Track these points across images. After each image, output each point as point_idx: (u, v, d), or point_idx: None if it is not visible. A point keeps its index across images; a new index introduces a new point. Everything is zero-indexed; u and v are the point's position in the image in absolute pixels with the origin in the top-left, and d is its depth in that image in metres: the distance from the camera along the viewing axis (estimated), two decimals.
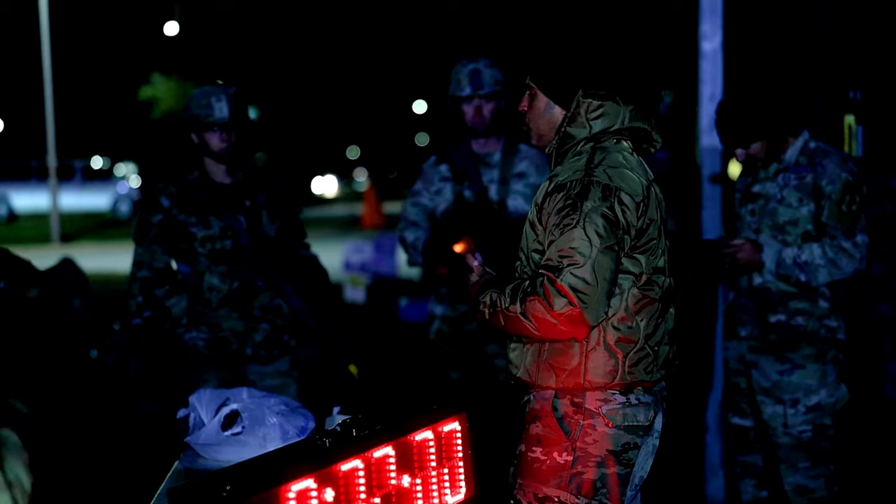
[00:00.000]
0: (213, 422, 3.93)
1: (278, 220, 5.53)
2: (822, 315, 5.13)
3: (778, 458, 5.17)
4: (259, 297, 5.41)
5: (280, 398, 4.04)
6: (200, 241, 5.37)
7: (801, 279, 5.04)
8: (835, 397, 5.15)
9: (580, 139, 3.52)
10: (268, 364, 5.46)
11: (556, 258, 3.30)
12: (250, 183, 5.52)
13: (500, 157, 5.80)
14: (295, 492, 2.75)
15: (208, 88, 5.37)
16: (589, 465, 3.42)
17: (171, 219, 5.39)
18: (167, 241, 5.40)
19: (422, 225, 5.79)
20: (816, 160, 5.11)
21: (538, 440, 3.46)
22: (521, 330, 3.37)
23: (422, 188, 5.87)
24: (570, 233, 3.30)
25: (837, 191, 5.03)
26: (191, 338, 5.41)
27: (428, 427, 3.26)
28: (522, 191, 5.77)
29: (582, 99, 3.50)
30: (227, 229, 5.38)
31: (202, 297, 5.39)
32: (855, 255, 5.02)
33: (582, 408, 3.42)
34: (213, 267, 5.38)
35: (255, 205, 5.48)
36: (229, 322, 5.38)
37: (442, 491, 3.29)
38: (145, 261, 5.42)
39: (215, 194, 5.42)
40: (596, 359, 3.40)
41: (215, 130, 5.33)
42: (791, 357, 5.13)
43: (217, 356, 5.39)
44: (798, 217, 5.10)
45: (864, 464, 6.71)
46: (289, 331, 5.47)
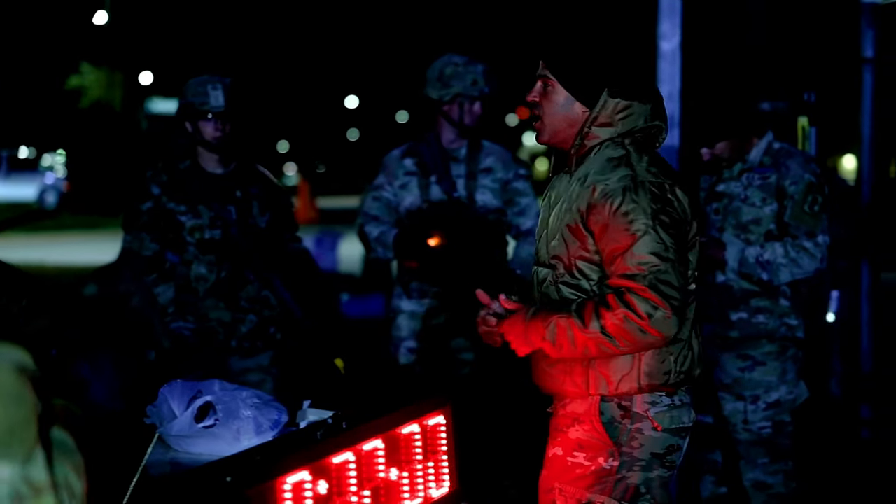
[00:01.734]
0: (185, 414, 3.87)
1: (269, 212, 5.49)
2: (783, 313, 5.19)
3: (738, 454, 5.22)
4: (247, 289, 5.38)
5: (252, 391, 3.99)
6: (189, 230, 5.34)
7: (763, 278, 5.09)
8: (794, 394, 5.21)
9: (605, 139, 3.43)
10: (250, 357, 5.43)
11: (636, 266, 3.22)
12: (243, 174, 5.48)
13: (466, 152, 5.80)
14: (291, 483, 2.74)
15: (205, 77, 5.34)
16: (634, 470, 3.36)
17: (160, 207, 5.35)
18: (156, 228, 5.35)
19: (384, 219, 5.74)
20: (780, 160, 5.16)
21: (580, 445, 3.40)
22: (597, 349, 3.26)
23: (384, 182, 5.81)
24: (643, 239, 3.23)
25: (800, 191, 5.09)
26: (177, 327, 5.36)
27: (415, 420, 3.25)
28: (490, 186, 5.77)
29: (610, 98, 3.41)
30: (217, 219, 5.35)
31: (189, 286, 5.35)
32: (816, 255, 5.08)
33: (630, 411, 3.36)
34: (201, 256, 5.34)
35: (247, 196, 5.45)
36: (216, 312, 5.35)
37: (427, 485, 3.28)
38: (134, 248, 5.38)
39: (206, 184, 5.38)
40: (650, 362, 3.34)
41: (210, 119, 5.31)
42: (752, 354, 5.18)
43: (202, 346, 5.36)
44: (761, 216, 5.15)
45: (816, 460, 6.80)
46: (275, 323, 5.45)
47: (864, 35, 7.20)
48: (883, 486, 6.64)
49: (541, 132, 3.54)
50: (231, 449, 3.49)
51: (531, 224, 5.83)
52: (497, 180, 5.79)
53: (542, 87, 3.49)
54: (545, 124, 3.50)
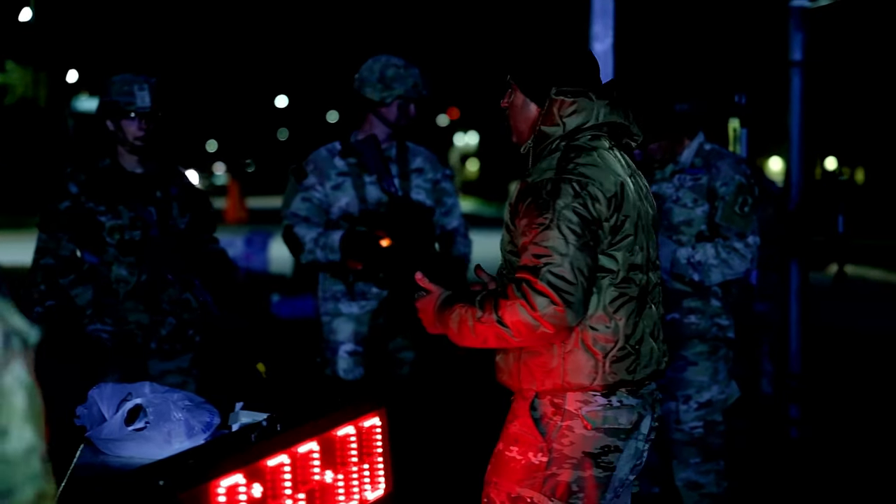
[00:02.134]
0: (115, 417, 3.82)
1: (189, 213, 5.43)
2: (714, 314, 5.22)
3: (670, 453, 5.24)
4: (168, 291, 5.30)
5: (184, 393, 3.95)
6: (109, 230, 5.24)
7: (694, 279, 5.11)
8: (725, 394, 5.24)
9: (555, 137, 3.46)
10: (170, 360, 5.36)
11: (533, 259, 3.25)
12: (163, 174, 5.41)
13: (395, 152, 5.78)
14: (225, 487, 2.70)
15: (129, 76, 5.26)
16: (564, 467, 3.36)
17: (79, 206, 5.25)
18: (74, 228, 5.25)
19: (314, 220, 5.66)
20: (711, 162, 5.20)
21: (515, 439, 3.41)
22: (495, 339, 3.29)
23: (315, 182, 5.72)
24: (545, 232, 3.25)
25: (731, 192, 5.13)
26: (94, 329, 5.27)
27: (350, 422, 3.22)
28: (423, 185, 5.77)
29: (554, 96, 3.46)
30: (137, 220, 5.26)
31: (109, 288, 5.25)
32: (746, 256, 5.12)
33: (561, 409, 3.37)
34: (122, 258, 5.25)
35: (167, 196, 5.37)
36: (135, 315, 5.26)
37: (362, 487, 3.26)
38: (50, 248, 5.26)
39: (126, 183, 5.30)
40: (574, 360, 3.35)
41: (134, 118, 5.23)
42: (684, 354, 5.20)
43: (120, 349, 5.27)
44: (692, 217, 5.18)
45: (748, 459, 6.86)
46: (194, 326, 5.37)
47: (792, 38, 7.27)
48: (811, 484, 6.71)
49: (510, 134, 3.62)
50: (162, 452, 3.45)
51: (456, 223, 5.88)
52: (428, 180, 5.80)
53: (510, 92, 3.59)
54: (511, 127, 3.60)
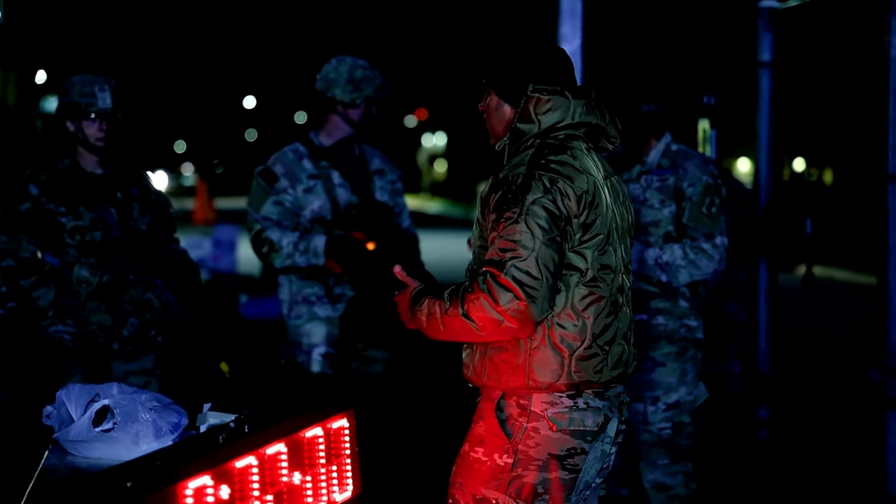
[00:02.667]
0: (83, 418, 3.79)
1: (150, 213, 5.41)
2: (683, 315, 5.23)
3: (638, 455, 5.25)
4: (129, 291, 5.28)
5: (152, 394, 3.92)
6: (70, 231, 5.22)
7: (662, 279, 5.12)
8: (693, 395, 5.25)
9: (530, 136, 3.47)
10: (133, 361, 5.33)
11: (499, 253, 3.25)
12: (122, 175, 5.39)
13: (357, 153, 5.79)
14: (192, 489, 2.69)
15: (90, 76, 5.24)
16: (530, 469, 3.36)
17: (39, 207, 5.22)
18: (34, 230, 5.22)
19: (285, 224, 5.65)
20: (678, 162, 5.21)
21: (480, 440, 3.41)
22: (464, 333, 3.30)
23: (287, 186, 5.70)
24: (511, 226, 3.26)
25: (698, 193, 5.14)
26: (56, 331, 5.24)
27: (318, 423, 3.22)
28: (386, 187, 5.82)
29: (530, 94, 3.47)
30: (98, 221, 5.24)
31: (70, 289, 5.22)
32: (714, 257, 5.13)
33: (527, 410, 3.37)
34: (83, 259, 5.23)
35: (127, 197, 5.35)
36: (97, 316, 5.24)
37: (331, 488, 3.25)
38: (10, 250, 5.23)
39: (86, 184, 5.27)
40: (540, 357, 3.34)
41: (95, 120, 5.20)
42: (652, 356, 5.21)
43: (82, 350, 5.25)
44: (660, 218, 5.19)
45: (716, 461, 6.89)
46: (157, 326, 5.35)
47: (761, 39, 7.30)
48: (780, 486, 6.74)
49: (489, 136, 3.63)
50: (130, 453, 3.43)
51: (408, 223, 5.90)
52: (387, 181, 5.84)
53: (485, 95, 3.60)
54: (488, 129, 3.61)
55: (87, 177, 5.31)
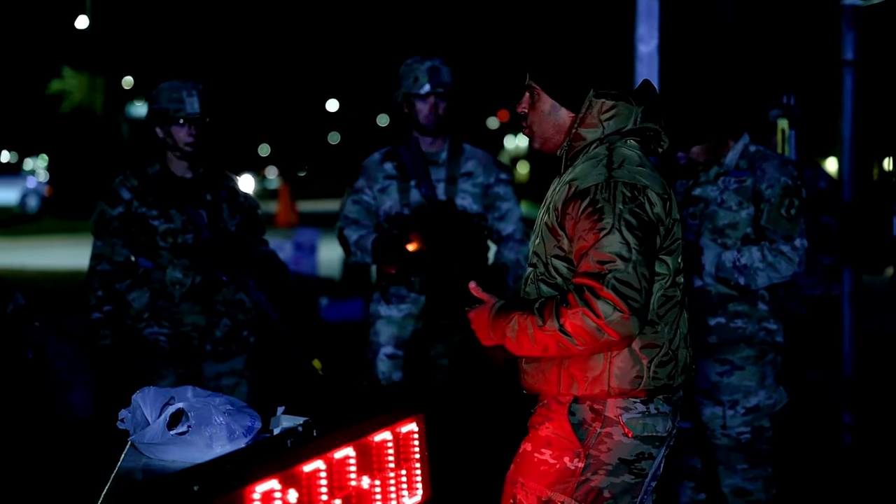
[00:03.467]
0: (158, 421, 3.84)
1: (238, 215, 5.48)
2: (762, 318, 5.16)
3: (716, 459, 5.19)
4: (222, 292, 5.35)
5: (225, 397, 3.96)
6: (162, 234, 5.32)
7: (740, 282, 5.06)
8: (773, 399, 5.18)
9: (592, 140, 3.46)
10: (225, 361, 5.41)
11: (596, 265, 3.21)
12: (211, 178, 5.47)
13: (446, 156, 5.78)
14: (260, 492, 2.70)
15: (178, 83, 5.34)
16: (599, 473, 3.36)
17: (131, 212, 5.33)
18: (128, 234, 5.33)
19: (363, 223, 5.72)
20: (756, 164, 5.14)
21: (548, 442, 3.40)
22: (557, 348, 3.26)
23: (364, 185, 5.77)
24: (606, 237, 3.23)
25: (777, 194, 5.06)
26: (151, 333, 5.33)
27: (387, 428, 3.21)
28: (470, 190, 5.76)
29: (595, 99, 3.44)
30: (189, 223, 5.34)
31: (164, 291, 5.32)
32: (794, 259, 5.05)
33: (601, 415, 3.36)
34: (175, 261, 5.32)
35: (216, 199, 5.44)
36: (191, 317, 5.33)
37: (400, 493, 3.25)
38: (105, 254, 5.36)
39: (176, 188, 5.36)
40: (621, 365, 3.33)
41: (183, 125, 5.30)
42: (730, 359, 5.15)
43: (177, 352, 5.33)
44: (738, 220, 5.12)
45: (798, 466, 6.79)
46: (249, 327, 5.42)
47: (844, 37, 7.18)
48: (863, 492, 6.62)
49: (532, 140, 3.58)
50: (203, 456, 3.47)
51: (512, 229, 5.84)
52: (478, 185, 5.78)
53: (530, 97, 3.54)
54: (535, 132, 3.55)
55: (177, 181, 5.41)
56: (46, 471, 6.84)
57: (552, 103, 3.50)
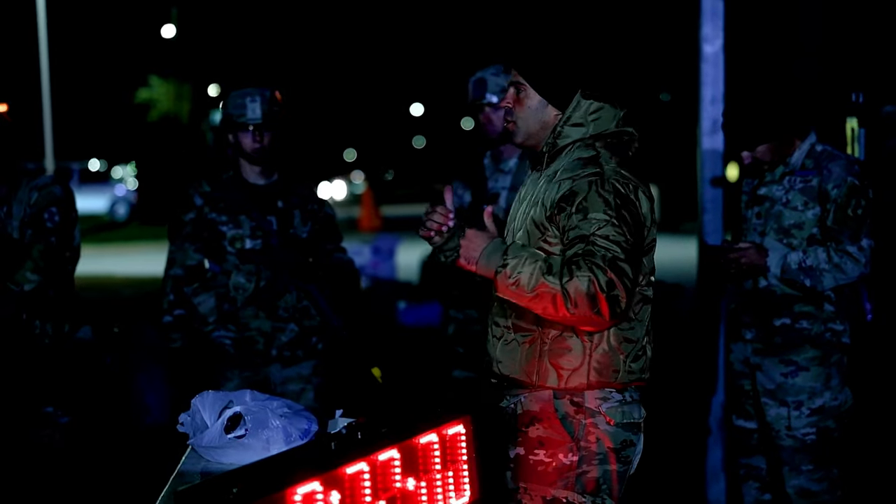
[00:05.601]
0: (216, 424, 3.89)
1: (311, 222, 5.53)
2: (827, 318, 5.11)
3: (781, 460, 5.15)
4: (286, 298, 5.41)
5: (283, 401, 4.00)
6: (230, 239, 5.40)
7: (806, 284, 5.01)
8: (839, 400, 5.13)
9: (577, 139, 3.53)
10: (291, 366, 5.46)
11: (597, 248, 3.27)
12: (285, 184, 5.53)
13: (515, 163, 5.79)
14: (301, 494, 2.73)
15: (246, 89, 5.40)
16: (593, 464, 3.45)
17: (202, 217, 5.41)
18: (199, 239, 5.42)
19: None
20: (822, 163, 5.08)
21: (540, 442, 3.48)
22: (549, 304, 3.28)
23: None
24: (607, 228, 3.30)
25: (843, 195, 5.01)
26: (218, 336, 5.41)
27: (433, 430, 3.24)
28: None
29: (583, 99, 3.52)
30: (258, 229, 5.40)
31: (229, 295, 5.39)
32: (860, 260, 5.00)
33: (582, 407, 3.45)
34: (241, 266, 5.39)
35: (288, 206, 5.49)
36: (256, 322, 5.40)
37: (447, 494, 3.27)
38: (178, 259, 5.46)
39: (248, 194, 5.44)
40: (600, 359, 3.42)
41: (248, 131, 5.36)
42: (795, 360, 5.11)
43: (242, 356, 5.40)
44: (803, 220, 5.08)
45: (865, 467, 6.69)
46: (317, 333, 5.48)
47: None
48: None
49: (515, 134, 3.64)
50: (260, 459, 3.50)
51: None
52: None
53: (515, 93, 3.60)
54: (519, 128, 3.62)
55: (249, 187, 5.47)
56: (113, 475, 6.95)
57: (540, 100, 3.56)
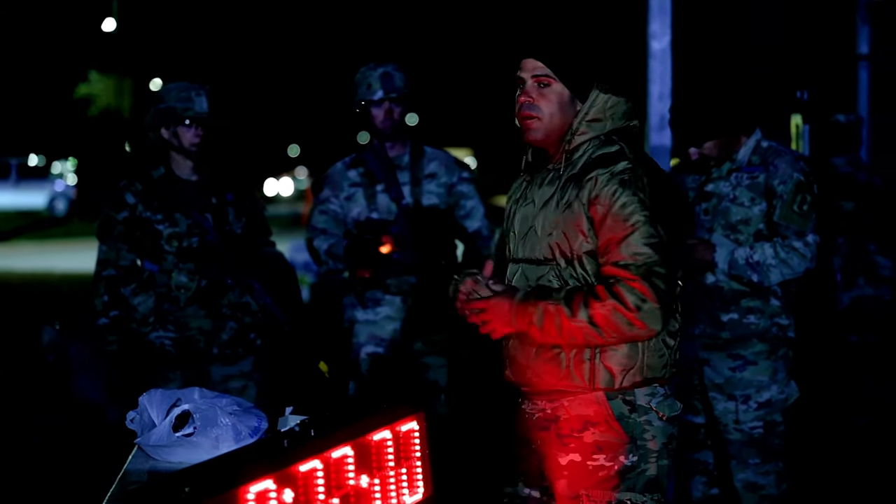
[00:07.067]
0: (164, 423, 3.85)
1: (244, 217, 5.48)
2: (774, 313, 5.14)
3: (729, 454, 5.18)
4: (228, 295, 5.36)
5: (232, 398, 3.97)
6: (167, 238, 5.32)
7: (753, 279, 5.04)
8: (785, 394, 5.17)
9: (594, 135, 3.45)
10: (232, 364, 5.41)
11: (631, 256, 3.26)
12: (217, 180, 5.47)
13: (408, 159, 5.81)
14: (254, 493, 2.70)
15: (186, 83, 5.34)
16: (650, 462, 3.41)
17: (136, 216, 5.33)
18: (133, 238, 5.33)
19: (331, 232, 5.73)
20: (769, 159, 5.12)
21: (598, 447, 3.40)
22: (584, 338, 3.28)
23: (330, 195, 5.82)
24: (640, 230, 3.27)
25: (789, 191, 5.04)
26: (157, 337, 5.34)
27: (386, 427, 3.21)
28: (435, 191, 5.80)
29: (601, 94, 3.45)
30: (195, 227, 5.33)
31: (170, 295, 5.32)
32: (806, 255, 5.03)
33: (635, 405, 3.40)
34: (181, 265, 5.32)
35: (222, 202, 5.43)
36: (197, 321, 5.34)
37: (400, 491, 3.24)
38: (111, 259, 5.36)
39: (181, 191, 5.36)
40: (653, 355, 3.39)
41: (190, 125, 5.29)
42: (743, 354, 5.14)
43: (183, 355, 5.34)
44: (750, 216, 5.11)
45: (810, 461, 6.76)
46: (256, 329, 5.43)
47: (859, 31, 7.16)
48: (874, 487, 6.58)
49: (536, 131, 3.48)
50: (209, 457, 3.46)
51: (478, 225, 5.88)
52: (442, 185, 5.83)
53: (538, 87, 3.46)
54: (544, 125, 3.47)
55: (182, 183, 5.39)
56: (56, 472, 6.88)
57: (565, 94, 3.45)
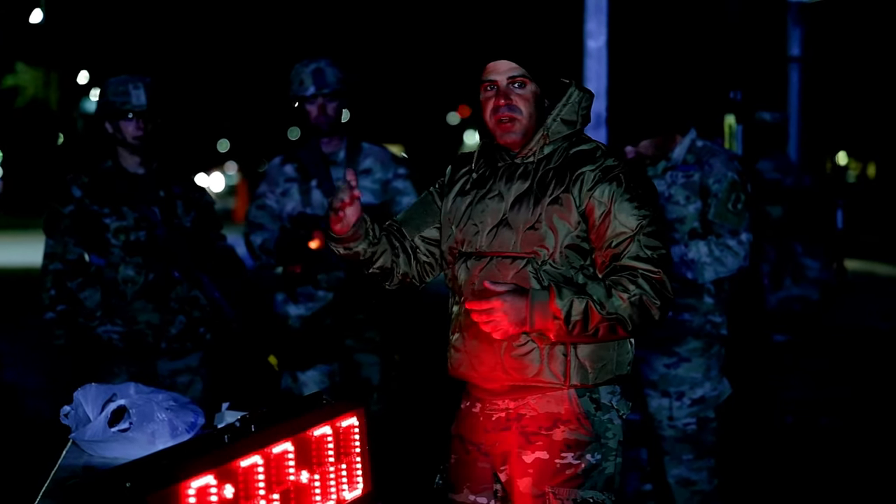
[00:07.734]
0: (99, 418, 3.82)
1: (193, 211, 5.44)
2: (707, 311, 5.20)
3: (662, 450, 5.23)
4: (176, 289, 5.32)
5: (169, 394, 3.95)
6: (114, 232, 5.27)
7: (687, 277, 5.09)
8: (718, 391, 5.23)
9: (567, 133, 3.44)
10: (180, 359, 5.37)
11: (650, 250, 3.27)
12: (165, 173, 5.43)
13: (344, 155, 5.80)
14: (195, 488, 2.69)
15: (125, 77, 5.29)
16: (609, 460, 3.42)
17: (83, 209, 5.28)
18: (79, 232, 5.28)
19: (268, 227, 5.71)
20: (703, 158, 5.17)
21: (567, 445, 3.38)
22: (607, 332, 3.24)
23: (266, 190, 5.81)
24: (650, 225, 3.30)
25: (724, 189, 5.10)
26: (105, 331, 5.29)
27: (326, 422, 3.21)
28: (370, 187, 5.78)
29: (575, 91, 3.46)
30: (142, 220, 5.29)
31: (117, 289, 5.28)
32: (740, 253, 5.09)
33: (600, 403, 3.41)
34: (128, 258, 5.27)
35: (170, 195, 5.39)
36: (145, 315, 5.29)
37: (340, 487, 3.24)
38: (57, 253, 5.30)
39: (129, 184, 5.32)
40: (622, 352, 3.41)
41: (131, 118, 5.25)
42: (678, 351, 5.19)
43: (131, 350, 5.29)
44: (685, 215, 5.16)
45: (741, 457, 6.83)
46: (204, 324, 5.39)
47: (791, 33, 7.24)
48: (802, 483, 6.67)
49: (516, 132, 3.41)
50: (145, 453, 3.44)
51: None
52: (377, 181, 5.82)
53: (515, 87, 3.40)
54: (523, 126, 3.42)
55: (130, 177, 5.36)
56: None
57: (539, 93, 3.42)
